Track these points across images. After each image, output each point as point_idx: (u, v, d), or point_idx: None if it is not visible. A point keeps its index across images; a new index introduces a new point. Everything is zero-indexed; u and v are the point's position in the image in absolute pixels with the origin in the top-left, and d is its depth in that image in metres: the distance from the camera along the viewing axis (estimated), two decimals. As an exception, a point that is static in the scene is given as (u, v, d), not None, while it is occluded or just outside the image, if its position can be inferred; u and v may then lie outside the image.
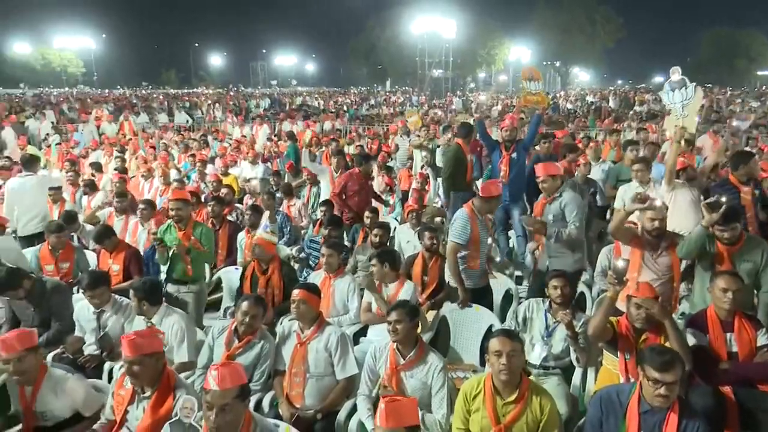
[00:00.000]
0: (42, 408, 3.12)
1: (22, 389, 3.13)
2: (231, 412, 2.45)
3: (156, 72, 73.60)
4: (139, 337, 2.91)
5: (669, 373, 2.56)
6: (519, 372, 2.84)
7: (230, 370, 2.51)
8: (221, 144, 12.20)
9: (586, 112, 21.73)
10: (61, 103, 24.69)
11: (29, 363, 3.08)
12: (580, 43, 55.13)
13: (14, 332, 3.20)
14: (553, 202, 4.73)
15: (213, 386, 2.44)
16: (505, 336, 2.85)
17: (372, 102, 32.79)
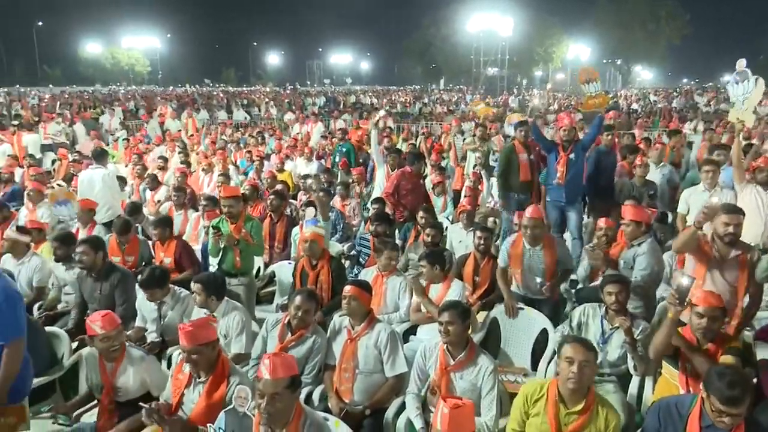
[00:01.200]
0: (119, 384, 3.32)
1: (103, 364, 3.33)
2: (281, 401, 2.50)
3: (216, 70, 76.09)
4: (194, 327, 3.02)
5: (736, 408, 2.40)
6: (589, 383, 2.74)
7: (282, 360, 2.56)
8: (277, 141, 12.47)
9: (649, 112, 20.90)
10: (128, 101, 25.87)
11: (119, 340, 3.31)
12: (643, 40, 52.86)
13: (107, 312, 3.42)
14: (630, 249, 4.49)
15: (265, 375, 2.50)
16: (581, 344, 2.76)
17: (426, 100, 32.66)
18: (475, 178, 7.84)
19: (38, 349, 3.82)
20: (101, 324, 3.27)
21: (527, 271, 4.55)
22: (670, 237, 6.13)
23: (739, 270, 3.69)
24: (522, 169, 6.32)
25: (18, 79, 54.93)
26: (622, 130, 12.62)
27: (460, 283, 4.46)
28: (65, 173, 9.57)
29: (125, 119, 17.69)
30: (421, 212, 6.02)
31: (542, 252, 4.51)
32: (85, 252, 4.43)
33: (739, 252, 3.70)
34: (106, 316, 3.32)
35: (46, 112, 18.22)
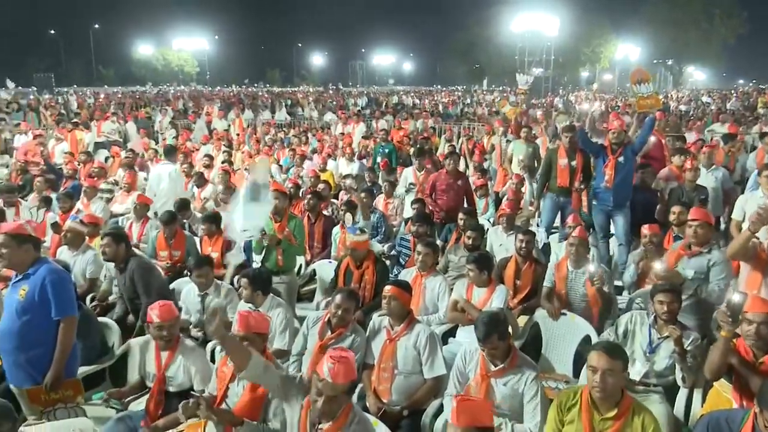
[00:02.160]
0: (170, 373, 3.44)
1: (158, 354, 3.47)
2: (337, 402, 2.58)
3: (261, 71, 77.67)
4: (251, 316, 3.14)
5: None
6: (616, 391, 2.67)
7: (346, 367, 2.57)
8: (319, 141, 12.61)
9: (701, 114, 20.12)
10: (177, 100, 26.64)
11: (173, 330, 3.45)
12: (696, 39, 50.82)
13: (167, 302, 3.58)
14: (699, 256, 4.25)
15: (327, 377, 2.53)
16: (604, 351, 2.68)
17: (468, 101, 32.39)
18: (518, 180, 7.73)
19: (91, 338, 4.01)
20: (158, 313, 3.42)
21: (570, 292, 4.48)
22: (723, 244, 5.89)
23: None
24: (560, 174, 6.23)
25: (75, 79, 57.47)
26: (672, 133, 12.20)
27: (504, 289, 4.40)
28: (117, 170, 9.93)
29: (174, 118, 18.22)
30: (461, 214, 5.99)
31: (585, 275, 4.41)
32: (108, 244, 4.52)
33: None
34: (164, 306, 3.47)
35: (99, 111, 18.97)
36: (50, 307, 3.35)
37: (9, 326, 3.36)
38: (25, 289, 3.32)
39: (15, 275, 3.44)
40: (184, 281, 5.13)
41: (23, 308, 3.32)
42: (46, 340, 3.37)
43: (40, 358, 3.36)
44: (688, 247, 4.33)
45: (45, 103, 21.35)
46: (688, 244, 4.35)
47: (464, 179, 6.88)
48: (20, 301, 3.31)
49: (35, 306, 3.32)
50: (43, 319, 3.35)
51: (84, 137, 12.50)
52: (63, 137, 11.84)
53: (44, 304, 3.33)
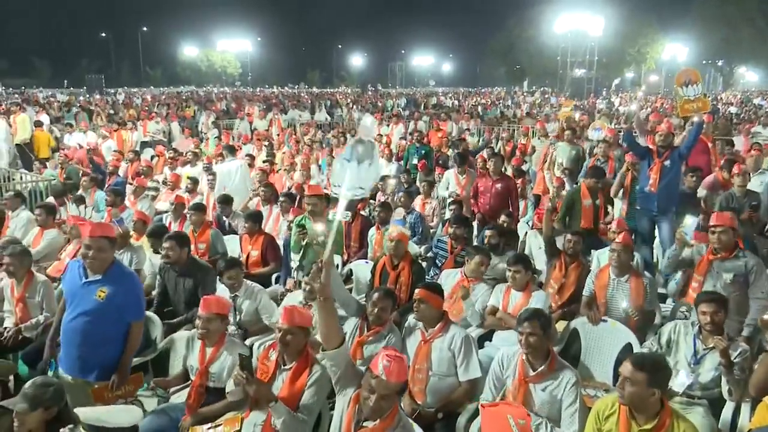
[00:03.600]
0: (213, 369, 3.50)
1: (203, 348, 3.54)
2: (389, 401, 2.57)
3: (302, 72, 78.67)
4: (296, 310, 3.20)
5: None
6: (639, 403, 2.62)
7: (399, 366, 2.58)
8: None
9: (753, 117, 19.32)
10: (220, 101, 27.27)
11: (215, 325, 3.49)
12: (749, 38, 48.58)
13: (214, 297, 3.68)
14: (733, 259, 4.16)
15: (381, 374, 2.52)
16: (630, 361, 2.68)
17: (508, 103, 32.03)
18: (558, 183, 7.57)
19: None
20: (203, 305, 3.50)
21: (611, 301, 4.37)
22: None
23: None
24: (585, 215, 5.95)
25: (124, 80, 59.56)
26: (720, 136, 11.78)
27: (543, 294, 4.34)
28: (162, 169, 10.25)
29: (217, 119, 18.65)
30: (503, 216, 5.94)
31: (628, 285, 4.32)
32: (172, 247, 4.65)
33: None
34: (211, 299, 3.56)
35: (144, 111, 19.60)
36: (125, 310, 3.54)
37: (83, 323, 3.48)
38: (105, 291, 3.45)
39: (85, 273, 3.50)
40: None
41: (102, 309, 3.46)
42: (117, 339, 3.56)
43: (111, 356, 3.54)
44: (714, 252, 4.22)
45: (96, 103, 22.19)
46: (714, 249, 4.23)
47: (506, 181, 6.79)
48: (99, 302, 3.45)
49: (113, 308, 3.48)
50: (117, 320, 3.53)
51: (130, 136, 12.95)
52: (109, 136, 12.28)
53: (120, 306, 3.51)
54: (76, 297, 3.53)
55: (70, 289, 3.59)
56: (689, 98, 5.71)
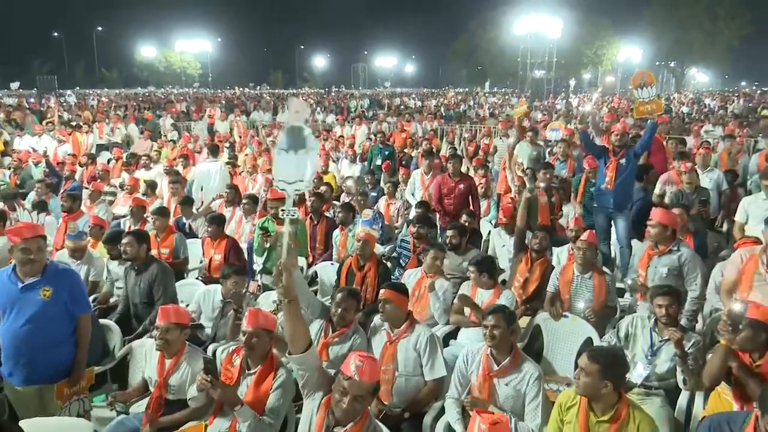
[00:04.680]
0: (173, 382, 3.41)
1: (162, 360, 3.44)
2: (361, 402, 2.53)
3: (264, 73, 77.76)
4: (260, 312, 3.17)
5: None
6: (593, 393, 2.70)
7: (372, 366, 2.56)
8: (321, 143, 12.64)
9: (703, 117, 20.09)
10: (180, 103, 26.72)
11: (173, 336, 3.39)
12: (699, 41, 50.69)
13: (173, 307, 3.58)
14: (668, 254, 4.34)
15: (354, 375, 2.49)
16: (586, 353, 2.77)
17: (471, 103, 32.42)
18: (519, 183, 7.69)
19: (93, 340, 3.99)
20: (160, 314, 3.40)
21: (573, 298, 4.48)
22: (724, 245, 5.89)
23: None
24: (541, 212, 6.14)
25: (78, 81, 57.66)
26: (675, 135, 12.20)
27: (510, 293, 4.41)
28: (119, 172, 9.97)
29: (178, 121, 18.27)
30: (464, 216, 6.00)
31: (591, 281, 4.44)
32: (130, 243, 4.58)
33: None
34: (169, 309, 3.46)
35: (100, 113, 19.04)
36: (73, 303, 3.52)
37: (29, 329, 3.39)
38: (48, 289, 3.41)
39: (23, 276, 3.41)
40: (191, 281, 5.16)
41: (49, 309, 3.41)
42: (67, 338, 3.53)
43: (63, 357, 3.51)
44: (654, 247, 4.40)
45: (47, 105, 21.43)
46: (654, 243, 4.41)
47: (467, 181, 6.85)
48: (45, 301, 3.39)
49: (60, 304, 3.45)
50: (65, 318, 3.51)
51: (86, 139, 12.55)
52: (64, 139, 11.88)
53: (68, 301, 3.49)
54: (15, 304, 3.42)
55: (5, 298, 3.44)
56: (644, 100, 5.84)
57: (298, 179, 2.56)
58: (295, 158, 2.54)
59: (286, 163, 2.56)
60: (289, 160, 2.54)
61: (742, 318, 2.94)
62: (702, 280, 4.28)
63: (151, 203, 7.18)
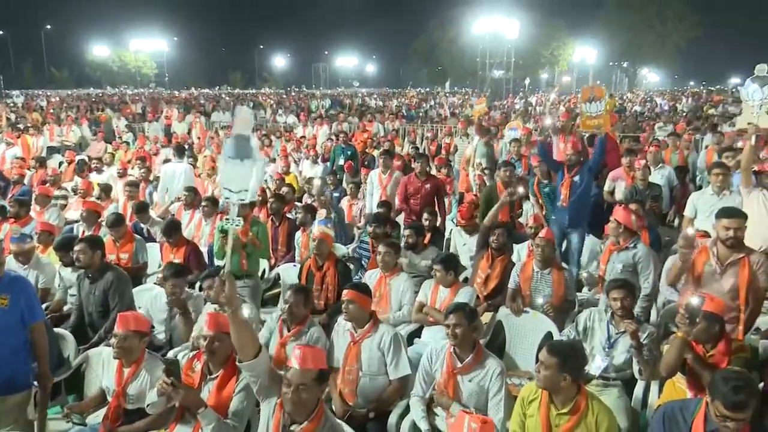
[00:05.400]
0: (132, 391, 3.30)
1: (120, 368, 3.33)
2: (307, 392, 2.51)
3: (223, 73, 76.51)
4: (221, 315, 3.07)
5: (741, 413, 2.39)
6: (552, 386, 2.76)
7: (313, 352, 2.58)
8: (283, 143, 12.52)
9: (656, 115, 20.82)
10: (135, 103, 26.01)
11: (131, 344, 3.28)
12: (650, 42, 52.64)
13: (132, 313, 3.47)
14: (625, 251, 4.52)
15: (294, 365, 2.52)
16: (545, 347, 2.83)
17: (432, 103, 32.69)
18: (480, 182, 7.79)
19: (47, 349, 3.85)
20: (119, 322, 3.30)
21: (534, 293, 4.57)
22: (676, 239, 6.10)
23: (740, 273, 3.69)
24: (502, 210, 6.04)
25: (26, 81, 55.39)
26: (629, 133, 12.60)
27: (469, 289, 4.47)
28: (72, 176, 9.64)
29: (134, 122, 17.79)
30: (426, 214, 6.04)
31: (550, 277, 4.54)
32: (83, 250, 4.40)
33: (741, 255, 3.71)
34: (128, 316, 3.36)
35: (51, 114, 18.35)
36: (30, 311, 3.38)
37: None
38: (6, 297, 3.28)
39: None
40: (146, 287, 5.03)
41: (5, 318, 3.28)
42: (23, 347, 3.39)
43: (19, 367, 3.37)
44: (616, 242, 4.57)
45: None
46: (616, 239, 4.57)
47: (433, 181, 6.86)
48: (4, 309, 3.26)
49: (17, 312, 3.32)
50: (20, 326, 3.36)
51: (35, 142, 12.07)
52: (13, 142, 11.41)
53: (24, 309, 3.36)
54: None
55: None
56: (591, 115, 5.86)
57: (242, 189, 2.54)
58: (240, 167, 2.53)
59: (232, 171, 2.54)
60: (234, 169, 2.52)
61: (699, 311, 3.04)
62: (654, 277, 4.44)
63: (106, 207, 6.98)
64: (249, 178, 2.54)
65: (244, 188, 2.53)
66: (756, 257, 3.74)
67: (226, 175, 2.58)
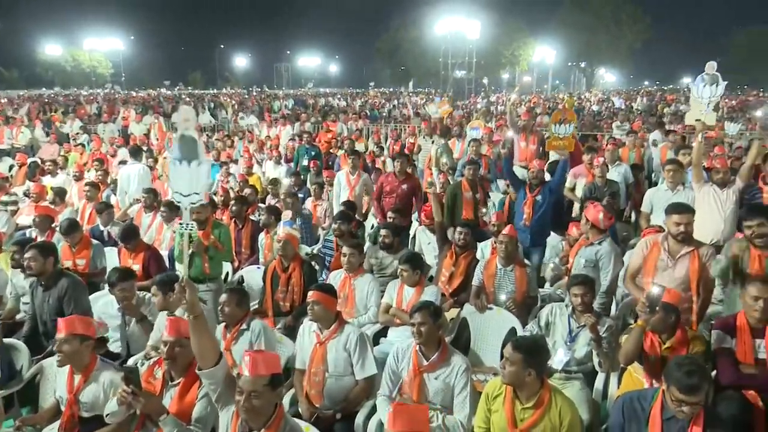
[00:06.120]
0: (85, 399, 3.19)
1: (71, 377, 3.20)
2: (260, 398, 2.46)
3: (183, 73, 74.90)
4: (182, 321, 3.01)
5: (694, 396, 2.50)
6: (518, 382, 2.80)
7: (264, 357, 2.53)
8: (245, 144, 12.35)
9: (612, 114, 21.40)
10: (90, 104, 25.21)
11: (72, 348, 3.14)
12: (606, 43, 54.30)
13: (76, 317, 3.32)
14: (591, 247, 4.63)
15: (245, 372, 2.47)
16: (510, 342, 2.86)
17: (395, 103, 32.78)
18: (444, 179, 7.82)
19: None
20: (59, 325, 3.17)
21: (497, 290, 4.62)
22: (632, 234, 6.30)
23: (691, 265, 3.84)
24: (465, 207, 6.22)
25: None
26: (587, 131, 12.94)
27: (434, 288, 4.50)
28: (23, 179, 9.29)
29: (89, 123, 17.23)
30: (390, 213, 6.05)
31: (513, 273, 4.60)
32: (34, 257, 4.22)
33: (690, 248, 3.86)
34: (71, 319, 3.23)
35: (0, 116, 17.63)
36: None
37: None
38: None
39: None
40: (100, 294, 4.87)
41: None
42: None
43: None
44: (586, 239, 4.71)
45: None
46: (585, 235, 4.71)
47: (411, 181, 6.83)
48: None
49: None
50: None
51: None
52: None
53: None
54: None
55: None
56: (558, 136, 5.95)
57: (193, 192, 2.50)
58: (188, 170, 2.48)
59: (181, 174, 2.49)
60: (183, 172, 2.48)
61: (659, 300, 3.14)
62: (614, 275, 4.53)
63: (60, 212, 6.74)
64: (198, 180, 2.49)
65: (194, 191, 2.49)
66: (704, 250, 3.91)
67: (175, 179, 2.53)
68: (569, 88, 61.90)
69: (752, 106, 22.90)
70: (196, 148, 2.49)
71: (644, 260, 4.03)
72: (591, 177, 6.71)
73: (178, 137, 2.53)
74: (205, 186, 2.57)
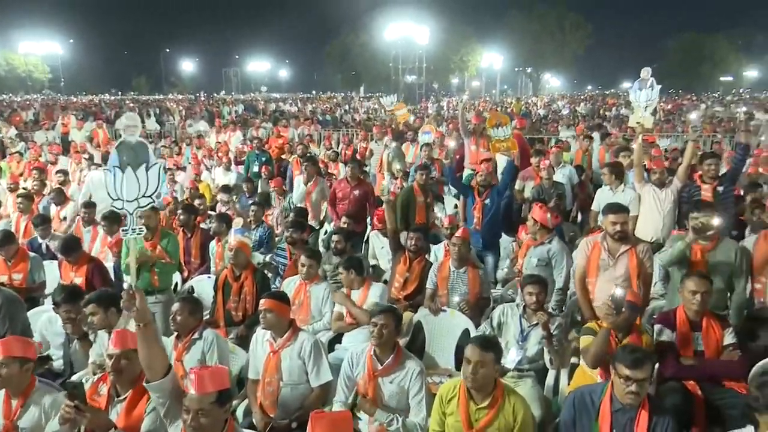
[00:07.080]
0: (24, 424, 3.01)
1: (7, 401, 3.03)
2: (207, 416, 2.39)
3: (126, 78, 72.58)
4: (128, 333, 2.89)
5: (640, 370, 2.63)
6: (487, 382, 2.84)
7: (210, 373, 2.45)
8: (193, 151, 12.03)
9: (558, 118, 22.08)
10: (25, 110, 24.04)
11: (11, 371, 2.97)
12: (551, 49, 56.21)
13: (13, 338, 3.16)
14: (541, 246, 4.76)
15: (191, 390, 2.40)
16: (477, 345, 2.86)
17: (346, 107, 32.77)
18: (400, 185, 7.84)
19: None
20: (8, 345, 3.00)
21: (451, 292, 4.67)
22: (579, 234, 6.49)
23: (630, 263, 4.00)
24: (419, 212, 6.25)
25: None
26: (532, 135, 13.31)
27: (380, 286, 4.54)
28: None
29: (26, 130, 16.42)
30: (344, 218, 6.03)
31: (466, 275, 4.66)
32: None
33: (628, 246, 4.03)
34: (8, 341, 3.05)
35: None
36: None
37: None
38: None
39: None
40: (41, 309, 4.64)
41: None
42: None
43: None
44: (534, 239, 4.84)
45: None
46: (533, 236, 4.85)
47: (364, 186, 6.80)
48: None
49: None
50: None
51: None
52: None
53: None
54: None
55: None
56: (500, 138, 6.06)
57: (141, 195, 2.44)
58: (133, 175, 2.43)
59: (124, 180, 2.43)
60: (125, 179, 2.42)
61: (623, 301, 3.25)
62: (567, 272, 4.68)
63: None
64: (147, 183, 2.44)
65: (142, 194, 2.41)
66: (641, 246, 4.10)
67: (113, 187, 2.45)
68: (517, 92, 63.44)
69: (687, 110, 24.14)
70: (143, 152, 2.42)
71: (587, 261, 4.17)
72: (538, 179, 6.90)
73: (122, 143, 2.45)
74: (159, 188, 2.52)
